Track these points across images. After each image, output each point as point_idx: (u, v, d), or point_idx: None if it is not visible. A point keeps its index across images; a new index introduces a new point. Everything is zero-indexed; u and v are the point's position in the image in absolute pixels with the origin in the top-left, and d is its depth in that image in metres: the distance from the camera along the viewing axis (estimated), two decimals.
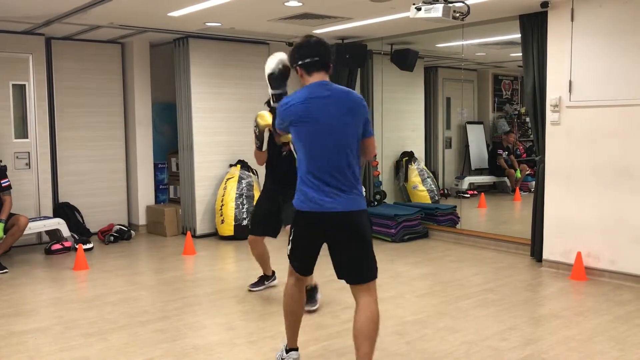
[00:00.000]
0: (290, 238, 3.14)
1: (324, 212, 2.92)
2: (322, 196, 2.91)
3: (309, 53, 3.03)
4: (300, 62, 3.04)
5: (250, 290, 4.95)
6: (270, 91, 3.98)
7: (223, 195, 7.15)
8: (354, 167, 2.97)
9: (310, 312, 4.29)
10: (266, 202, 4.68)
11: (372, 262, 2.98)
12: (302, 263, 3.16)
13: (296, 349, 3.37)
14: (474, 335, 3.89)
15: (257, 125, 4.26)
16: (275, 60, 3.92)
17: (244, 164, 7.42)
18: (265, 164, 4.63)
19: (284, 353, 3.37)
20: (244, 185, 7.19)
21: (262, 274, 5.03)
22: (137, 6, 5.38)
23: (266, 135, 4.42)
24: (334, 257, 3.02)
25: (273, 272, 5.05)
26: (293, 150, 4.15)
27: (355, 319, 2.94)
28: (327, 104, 2.95)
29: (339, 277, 3.03)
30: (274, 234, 4.70)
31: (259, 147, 4.40)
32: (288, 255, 3.17)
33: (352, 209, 2.93)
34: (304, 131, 2.95)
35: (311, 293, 4.40)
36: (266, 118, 4.19)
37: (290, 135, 3.10)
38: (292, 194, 3.14)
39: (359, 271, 2.96)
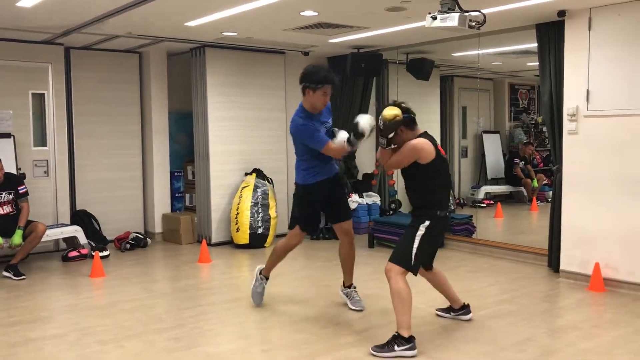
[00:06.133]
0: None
1: None
2: None
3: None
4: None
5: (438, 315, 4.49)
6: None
7: (238, 204, 7.17)
8: None
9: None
10: None
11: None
12: None
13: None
14: (491, 346, 3.84)
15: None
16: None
17: (259, 173, 7.44)
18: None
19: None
20: (259, 193, 7.21)
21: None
22: (154, 16, 5.44)
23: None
24: None
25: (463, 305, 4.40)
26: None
27: None
28: None
29: None
30: None
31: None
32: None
33: None
34: None
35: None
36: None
37: None
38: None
39: None
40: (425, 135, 3.91)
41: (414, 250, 3.82)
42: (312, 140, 4.25)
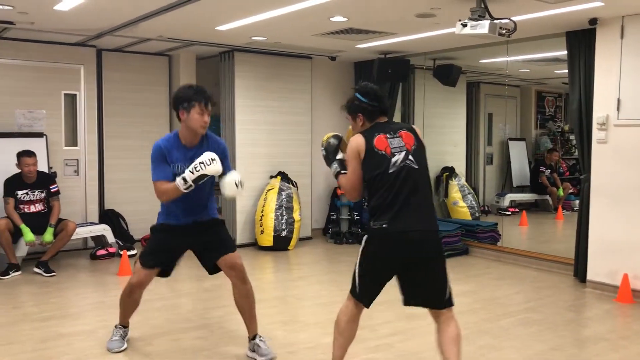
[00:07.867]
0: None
1: None
2: None
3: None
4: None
5: None
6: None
7: (263, 206, 7.23)
8: None
9: None
10: None
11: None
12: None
13: None
14: (516, 354, 3.83)
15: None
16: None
17: (284, 176, 7.49)
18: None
19: None
20: (283, 196, 7.26)
21: None
22: (185, 20, 5.53)
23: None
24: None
25: None
26: None
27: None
28: None
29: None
30: None
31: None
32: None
33: None
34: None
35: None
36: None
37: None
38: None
39: None
40: (374, 126, 3.07)
41: (357, 271, 3.09)
42: (152, 167, 3.69)
